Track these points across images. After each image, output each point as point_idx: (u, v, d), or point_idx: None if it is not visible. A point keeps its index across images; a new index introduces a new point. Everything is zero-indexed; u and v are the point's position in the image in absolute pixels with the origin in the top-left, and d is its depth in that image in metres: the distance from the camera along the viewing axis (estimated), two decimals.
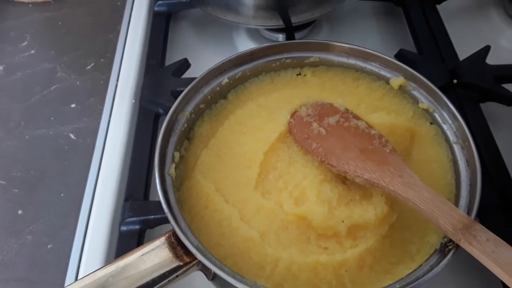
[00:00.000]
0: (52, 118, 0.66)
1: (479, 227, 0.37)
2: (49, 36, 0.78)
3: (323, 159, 0.43)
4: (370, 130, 0.45)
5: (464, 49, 0.66)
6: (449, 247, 0.38)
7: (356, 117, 0.47)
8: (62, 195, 0.58)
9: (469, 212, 0.40)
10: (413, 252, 0.41)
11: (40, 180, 0.60)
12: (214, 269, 0.37)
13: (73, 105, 0.68)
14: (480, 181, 0.41)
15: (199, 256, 0.37)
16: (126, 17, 0.75)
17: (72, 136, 0.64)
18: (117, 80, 0.66)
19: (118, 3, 0.81)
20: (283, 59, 0.53)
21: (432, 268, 0.37)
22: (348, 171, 0.42)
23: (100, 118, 0.62)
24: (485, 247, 0.35)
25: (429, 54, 0.66)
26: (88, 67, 0.72)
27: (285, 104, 0.49)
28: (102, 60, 0.73)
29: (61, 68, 0.72)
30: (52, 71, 0.71)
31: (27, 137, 0.64)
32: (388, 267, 0.40)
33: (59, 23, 0.79)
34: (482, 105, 0.60)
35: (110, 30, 0.77)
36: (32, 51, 0.75)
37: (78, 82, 0.70)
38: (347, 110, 0.47)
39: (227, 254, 0.41)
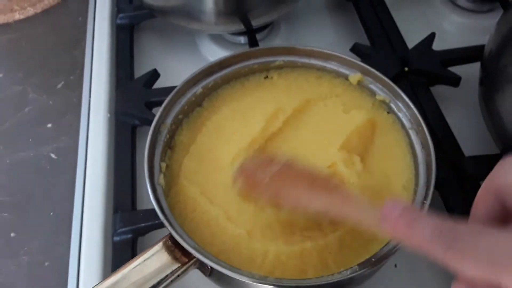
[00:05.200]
0: (30, 140, 0.67)
1: None
2: (14, 58, 0.77)
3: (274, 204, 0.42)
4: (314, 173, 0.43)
5: (412, 37, 0.70)
6: None
7: (296, 165, 0.43)
8: (51, 213, 0.60)
9: (427, 187, 0.45)
10: None
11: (28, 202, 0.61)
12: (212, 264, 0.40)
13: (49, 125, 0.68)
14: (435, 161, 0.46)
15: (197, 255, 0.41)
16: (89, 33, 0.75)
17: (53, 155, 0.65)
18: (89, 96, 0.67)
19: (80, 19, 0.81)
20: (251, 65, 0.57)
21: None
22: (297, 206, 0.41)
23: (78, 135, 0.63)
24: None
25: (381, 46, 0.70)
26: (59, 86, 0.73)
27: (257, 107, 0.53)
28: (71, 77, 0.73)
29: (32, 89, 0.72)
30: (23, 93, 0.72)
31: (8, 161, 0.65)
32: (364, 244, 0.44)
33: (23, 43, 0.79)
34: (432, 88, 0.65)
35: (75, 47, 0.77)
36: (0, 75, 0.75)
37: (50, 102, 0.71)
38: (288, 161, 0.43)
39: (219, 251, 0.44)
